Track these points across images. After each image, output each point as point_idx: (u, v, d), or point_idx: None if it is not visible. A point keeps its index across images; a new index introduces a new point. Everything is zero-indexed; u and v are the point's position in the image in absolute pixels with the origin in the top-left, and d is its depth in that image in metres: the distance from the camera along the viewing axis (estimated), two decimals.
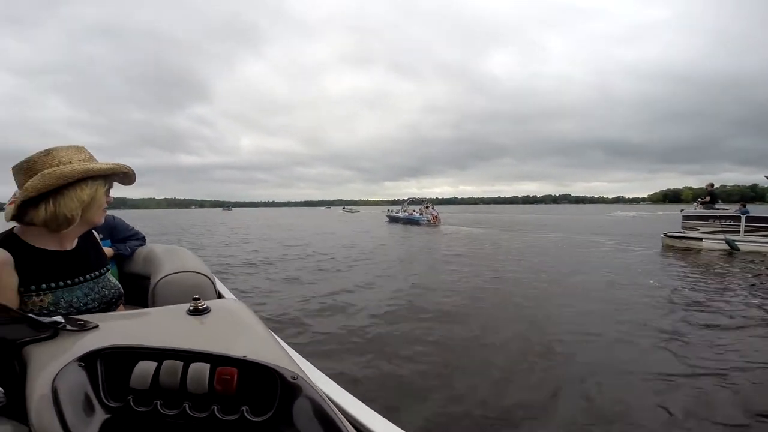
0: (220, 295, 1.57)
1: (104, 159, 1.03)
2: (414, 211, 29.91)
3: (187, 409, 0.54)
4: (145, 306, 1.40)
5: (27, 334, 0.67)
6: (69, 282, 1.00)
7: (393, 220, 30.51)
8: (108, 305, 1.08)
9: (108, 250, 1.74)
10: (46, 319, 0.69)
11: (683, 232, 11.00)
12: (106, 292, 1.09)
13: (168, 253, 1.68)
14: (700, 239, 10.31)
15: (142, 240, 1.95)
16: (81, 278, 1.03)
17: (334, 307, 5.23)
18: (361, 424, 0.73)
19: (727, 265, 8.13)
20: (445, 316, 4.71)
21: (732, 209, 10.68)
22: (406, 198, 34.81)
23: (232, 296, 1.64)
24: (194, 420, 0.53)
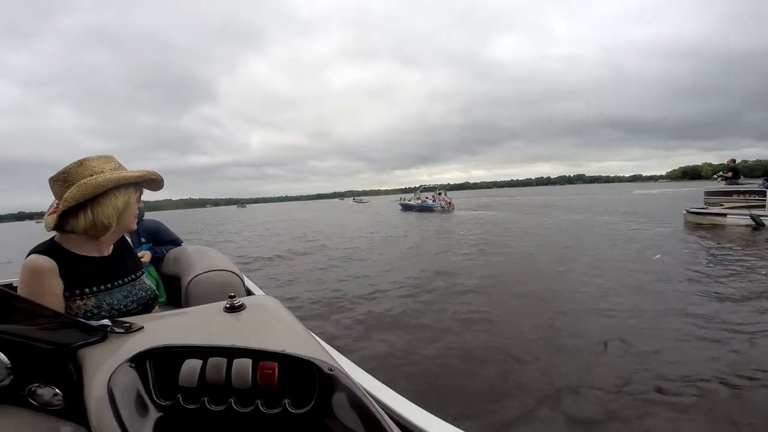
0: (249, 292, 1.63)
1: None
2: (427, 198, 29.66)
3: (233, 404, 0.56)
4: (178, 305, 1.45)
5: (79, 338, 0.70)
6: (109, 286, 1.07)
7: (406, 208, 30.28)
8: (145, 306, 1.15)
9: (146, 254, 1.88)
10: (95, 323, 0.73)
11: (706, 208, 10.81)
12: (143, 294, 1.15)
13: (197, 254, 1.75)
14: (724, 215, 10.10)
15: (174, 243, 2.04)
16: (119, 282, 1.10)
17: (381, 290, 5.61)
18: (396, 413, 0.74)
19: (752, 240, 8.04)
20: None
21: (756, 184, 10.40)
22: (417, 185, 34.54)
23: (261, 292, 1.69)
24: (240, 415, 0.56)
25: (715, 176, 11.91)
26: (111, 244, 1.14)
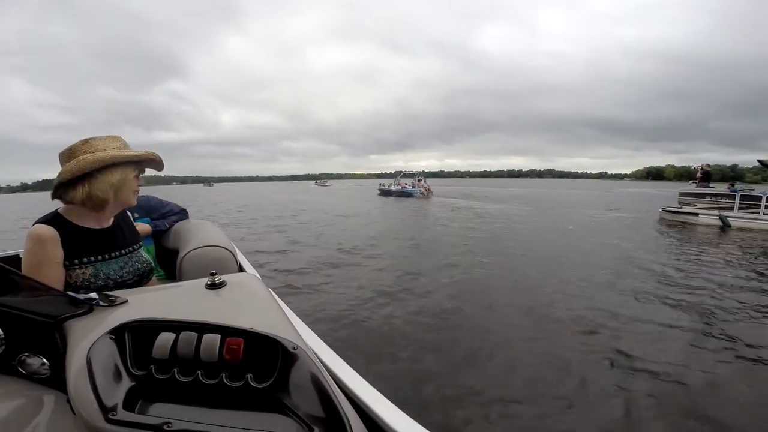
0: (241, 268, 1.67)
1: (74, 138, 1.14)
2: (406, 184, 30.34)
3: (200, 377, 0.60)
4: (176, 279, 1.52)
5: (67, 310, 0.74)
6: (106, 256, 1.14)
7: (385, 193, 30.65)
8: (140, 278, 1.22)
9: (146, 227, 1.88)
10: (83, 296, 0.77)
11: (680, 207, 11.87)
12: (139, 266, 1.22)
13: (195, 228, 1.80)
14: (697, 214, 11.14)
15: (179, 214, 2.06)
16: (117, 253, 1.17)
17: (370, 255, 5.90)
18: (354, 395, 0.78)
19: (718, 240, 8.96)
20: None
21: (725, 189, 11.59)
22: (392, 171, 35.09)
23: (252, 269, 1.75)
24: (205, 386, 0.60)
25: (691, 181, 13.20)
26: (110, 217, 1.21)
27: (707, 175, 12.50)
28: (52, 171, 1.14)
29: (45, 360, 0.73)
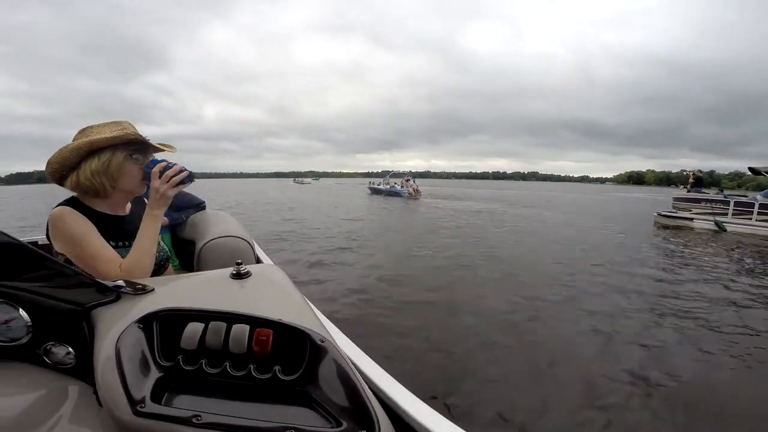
0: (258, 260, 1.68)
1: (52, 130, 1.31)
2: (395, 184, 30.59)
3: (228, 368, 0.60)
4: (191, 269, 1.52)
5: (95, 298, 0.74)
6: (124, 243, 1.13)
7: (375, 192, 30.94)
8: (158, 267, 1.19)
9: (164, 220, 1.85)
10: (110, 283, 0.76)
11: (676, 212, 12.15)
12: (157, 255, 1.18)
13: (213, 219, 1.79)
14: (692, 219, 11.48)
15: (196, 207, 2.07)
16: (131, 241, 1.13)
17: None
18: (379, 389, 0.78)
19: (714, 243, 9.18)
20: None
21: (721, 195, 11.94)
22: (379, 171, 35.46)
23: (270, 261, 1.76)
24: (233, 378, 0.59)
25: (681, 186, 13.70)
26: (124, 205, 1.21)
27: (699, 181, 12.91)
28: (27, 164, 1.03)
29: (71, 349, 0.71)
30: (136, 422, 0.51)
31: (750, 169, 12.01)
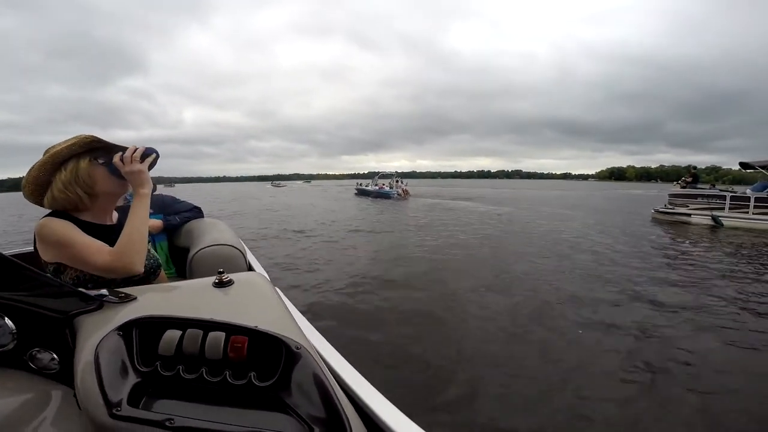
0: (251, 267, 1.68)
1: (22, 137, 1.96)
2: (384, 185, 30.30)
3: (204, 374, 0.62)
4: (185, 276, 1.54)
5: (77, 306, 0.76)
6: None
7: (362, 193, 30.56)
8: (149, 274, 1.20)
9: (157, 223, 1.90)
10: (93, 292, 0.79)
11: (673, 208, 12.17)
12: (147, 263, 1.17)
13: (207, 227, 1.82)
14: (689, 215, 11.50)
15: (193, 211, 2.10)
16: None
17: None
18: (357, 396, 0.77)
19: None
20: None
21: (715, 190, 12.13)
22: (365, 172, 35.46)
23: (261, 268, 1.76)
24: (209, 383, 0.61)
25: (676, 182, 13.92)
26: (109, 213, 1.21)
27: (695, 177, 13.16)
28: None
29: (55, 355, 0.74)
30: (112, 424, 0.53)
31: (741, 164, 12.10)
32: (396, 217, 14.26)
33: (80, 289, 0.79)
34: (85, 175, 1.08)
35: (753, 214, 10.44)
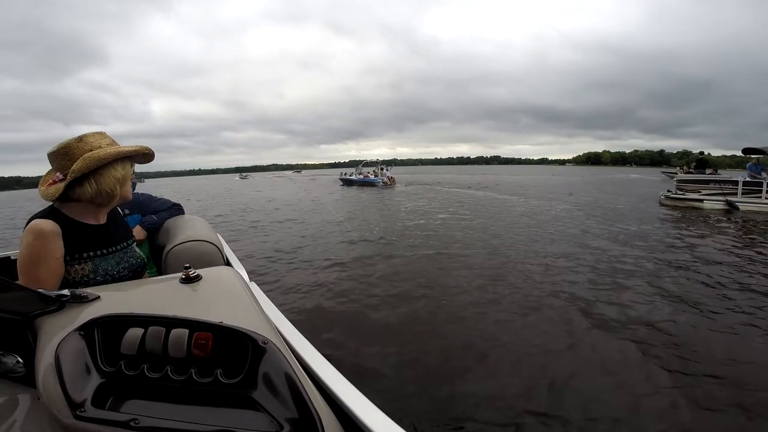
0: (227, 262, 1.67)
1: None
2: (369, 173, 30.03)
3: (169, 372, 0.60)
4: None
5: (37, 308, 0.75)
6: (105, 251, 1.18)
7: (347, 183, 29.99)
8: (135, 273, 1.26)
9: (142, 232, 1.88)
10: (53, 293, 0.77)
11: (684, 194, 12.04)
12: (133, 261, 1.27)
13: (184, 223, 1.79)
14: (702, 200, 11.41)
15: (171, 209, 2.03)
16: (113, 248, 1.21)
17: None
18: (330, 391, 0.75)
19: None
20: None
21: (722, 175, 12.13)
22: (346, 161, 35.38)
23: (239, 263, 1.73)
24: (175, 382, 0.60)
25: (679, 168, 14.34)
26: (105, 213, 1.24)
27: (703, 163, 13.43)
28: None
29: (19, 358, 0.74)
30: (76, 426, 0.52)
31: (746, 150, 11.83)
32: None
33: (40, 290, 0.76)
34: (127, 177, 1.20)
35: (766, 198, 10.41)
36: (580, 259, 5.66)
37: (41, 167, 1.19)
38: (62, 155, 1.10)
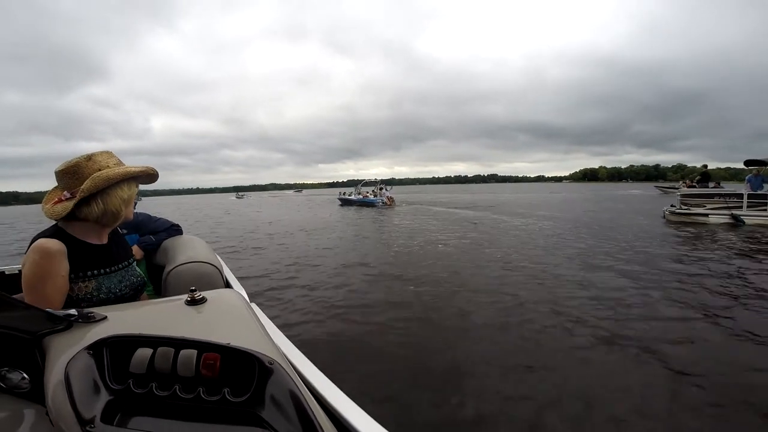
0: (227, 284, 1.69)
1: None
2: (368, 193, 29.49)
3: (177, 391, 0.62)
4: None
5: (45, 326, 0.77)
6: (107, 270, 1.20)
7: (345, 203, 29.74)
8: (136, 291, 1.29)
9: (140, 252, 1.88)
10: (62, 312, 0.79)
11: (689, 209, 11.84)
12: (134, 280, 1.29)
13: (183, 244, 1.78)
14: (707, 215, 11.26)
15: (169, 230, 2.02)
16: (115, 267, 1.23)
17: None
18: (333, 409, 0.76)
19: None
20: None
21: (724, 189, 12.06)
22: (344, 180, 35.10)
23: (239, 285, 1.74)
24: (183, 400, 0.61)
25: (681, 183, 14.20)
26: (108, 233, 1.26)
27: (707, 177, 13.33)
28: None
29: (25, 375, 0.75)
30: None
31: (748, 161, 11.73)
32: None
33: (48, 309, 0.77)
34: (131, 198, 1.21)
35: None
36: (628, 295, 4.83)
37: (39, 182, 0.98)
38: (71, 174, 1.11)
